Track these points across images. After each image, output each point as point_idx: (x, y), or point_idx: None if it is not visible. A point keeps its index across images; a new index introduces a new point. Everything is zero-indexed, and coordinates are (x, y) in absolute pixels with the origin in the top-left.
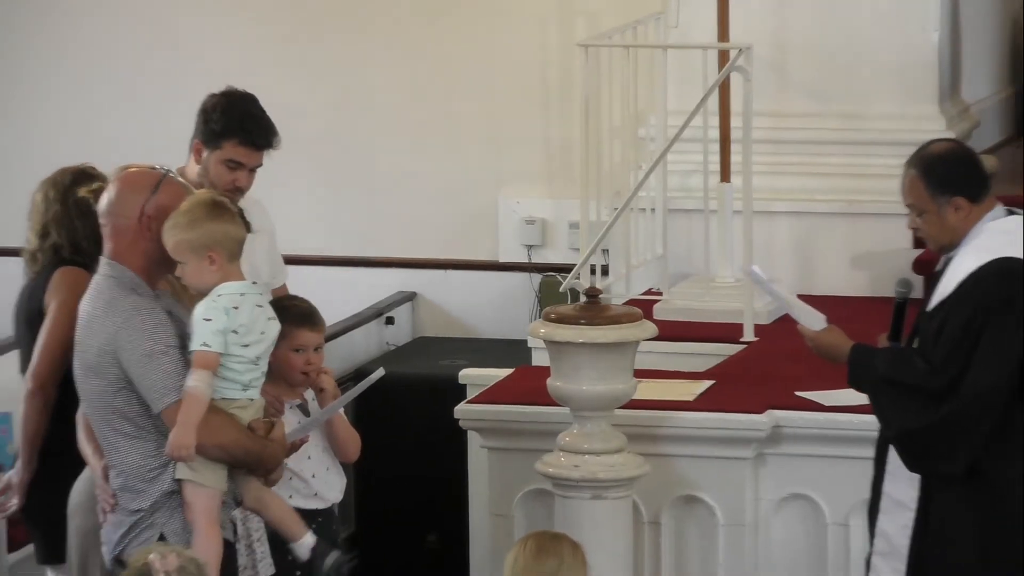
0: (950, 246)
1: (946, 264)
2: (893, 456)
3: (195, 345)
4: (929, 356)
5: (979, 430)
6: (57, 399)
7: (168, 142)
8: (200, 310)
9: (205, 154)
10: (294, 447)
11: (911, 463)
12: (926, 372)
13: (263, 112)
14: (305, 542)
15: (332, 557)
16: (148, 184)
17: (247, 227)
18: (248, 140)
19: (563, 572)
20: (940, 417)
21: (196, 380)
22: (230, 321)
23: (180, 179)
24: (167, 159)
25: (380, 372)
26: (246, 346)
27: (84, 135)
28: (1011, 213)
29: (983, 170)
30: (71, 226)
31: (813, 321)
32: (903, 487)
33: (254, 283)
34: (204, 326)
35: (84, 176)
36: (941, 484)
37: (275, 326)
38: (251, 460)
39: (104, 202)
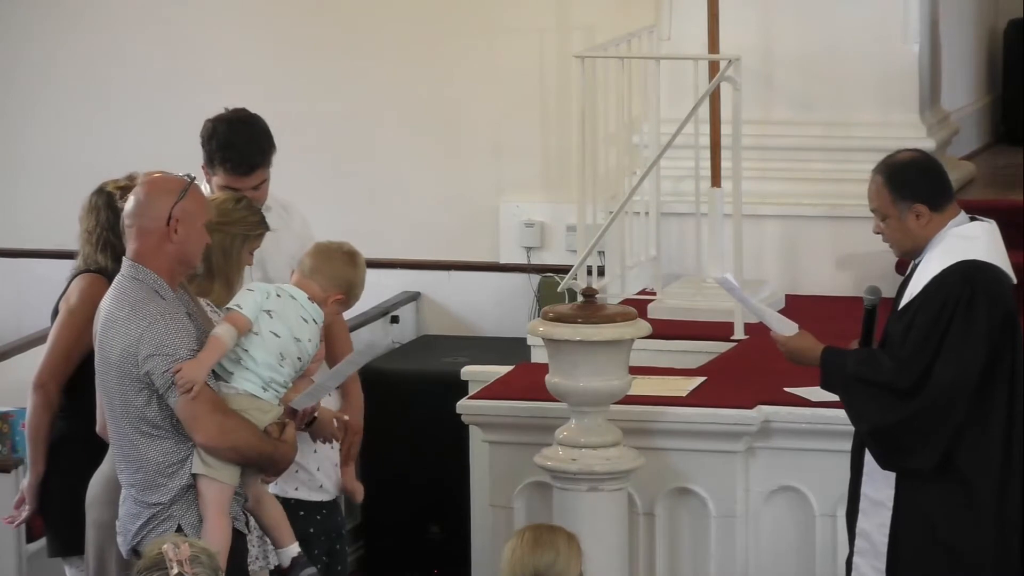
0: (912, 252)
1: (912, 270)
2: (870, 458)
3: (229, 305)
4: (896, 355)
5: (946, 424)
6: (69, 396)
7: (182, 152)
8: (249, 284)
9: (211, 178)
10: (305, 414)
11: (883, 460)
12: (894, 370)
13: (249, 134)
14: (290, 551)
15: (309, 571)
16: (176, 188)
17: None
18: (230, 169)
19: (559, 563)
20: (909, 413)
21: (222, 330)
22: (268, 301)
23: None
24: (181, 168)
25: (383, 345)
26: (276, 336)
27: (106, 143)
28: (974, 219)
29: (946, 180)
30: (98, 242)
31: (784, 327)
32: (880, 487)
33: (317, 308)
34: (245, 294)
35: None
36: (915, 481)
37: (311, 347)
38: (263, 461)
39: (131, 204)
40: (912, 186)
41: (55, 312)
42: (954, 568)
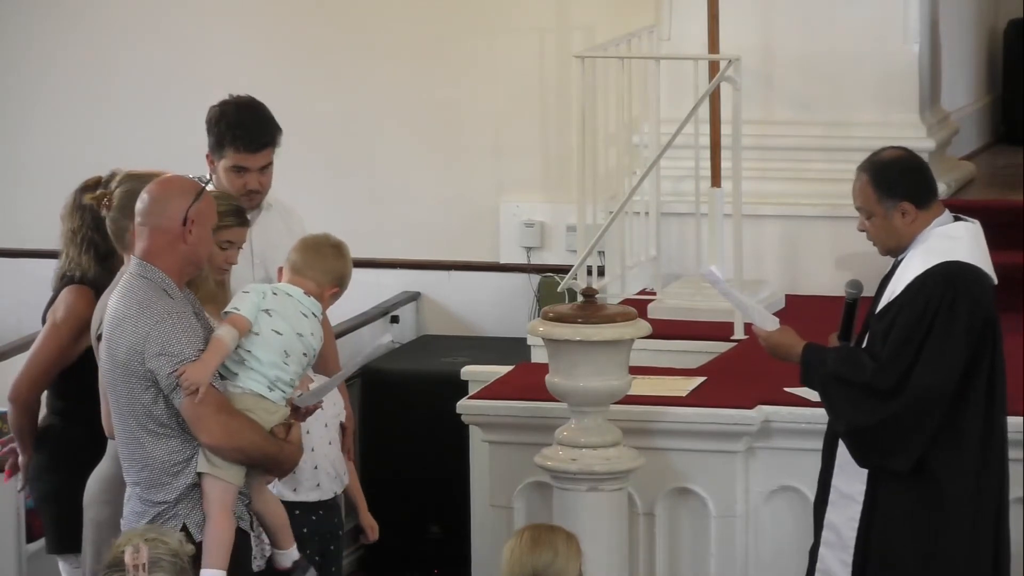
0: (896, 250)
1: (894, 268)
2: (842, 451)
3: (228, 308)
4: (877, 355)
5: (925, 427)
6: (68, 397)
7: (184, 151)
8: (245, 287)
9: (216, 164)
10: (308, 411)
11: (861, 459)
12: (874, 370)
13: (257, 114)
14: (290, 553)
15: (310, 574)
16: (191, 190)
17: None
18: (243, 145)
19: (557, 563)
20: (888, 414)
21: (223, 332)
22: (266, 301)
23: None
24: (182, 168)
25: (388, 337)
26: (278, 333)
27: (105, 143)
28: (958, 219)
29: (931, 178)
30: (83, 242)
31: (767, 322)
32: (851, 481)
33: (315, 301)
34: (241, 296)
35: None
36: (888, 478)
37: (314, 341)
38: (268, 462)
39: (145, 203)
40: (898, 184)
41: (44, 321)
42: (925, 570)
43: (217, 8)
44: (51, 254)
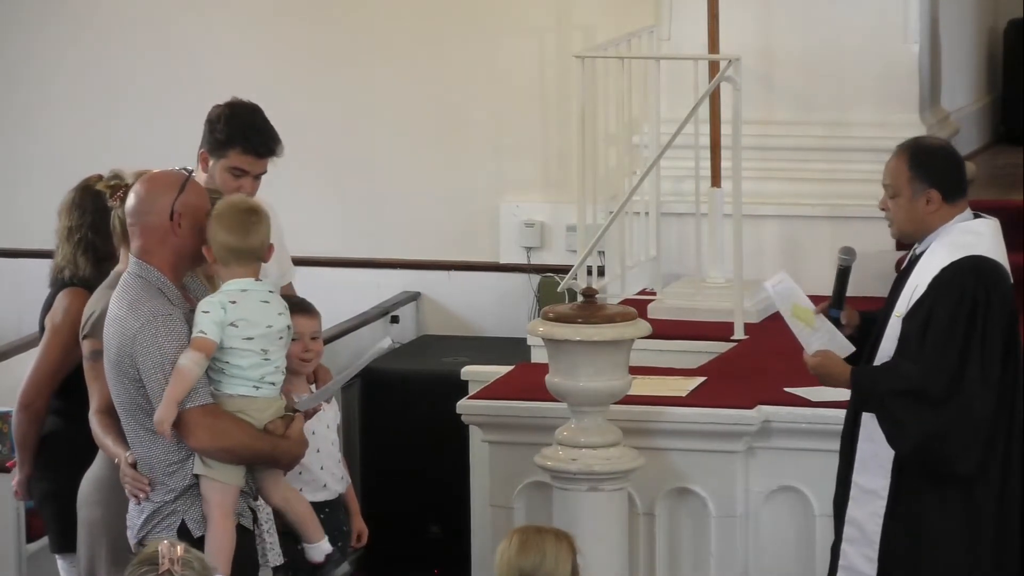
0: (911, 236)
1: (911, 263)
2: (861, 448)
3: (194, 333)
4: (916, 356)
5: (981, 428)
6: (64, 397)
7: (182, 152)
8: (201, 304)
9: (211, 163)
10: (309, 415)
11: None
12: (922, 374)
13: (266, 121)
14: (322, 547)
15: (342, 568)
16: (176, 183)
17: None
18: (251, 148)
19: (546, 565)
20: (945, 420)
21: (187, 359)
22: (227, 315)
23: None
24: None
25: (388, 341)
26: (250, 339)
27: (106, 143)
28: (977, 216)
29: (964, 176)
30: (80, 243)
31: (811, 344)
32: (873, 476)
33: (259, 280)
34: (202, 317)
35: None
36: (912, 476)
37: (283, 320)
38: (261, 460)
39: (132, 202)
40: (933, 171)
41: (41, 326)
42: (950, 566)
43: (218, 9)
44: (51, 254)
